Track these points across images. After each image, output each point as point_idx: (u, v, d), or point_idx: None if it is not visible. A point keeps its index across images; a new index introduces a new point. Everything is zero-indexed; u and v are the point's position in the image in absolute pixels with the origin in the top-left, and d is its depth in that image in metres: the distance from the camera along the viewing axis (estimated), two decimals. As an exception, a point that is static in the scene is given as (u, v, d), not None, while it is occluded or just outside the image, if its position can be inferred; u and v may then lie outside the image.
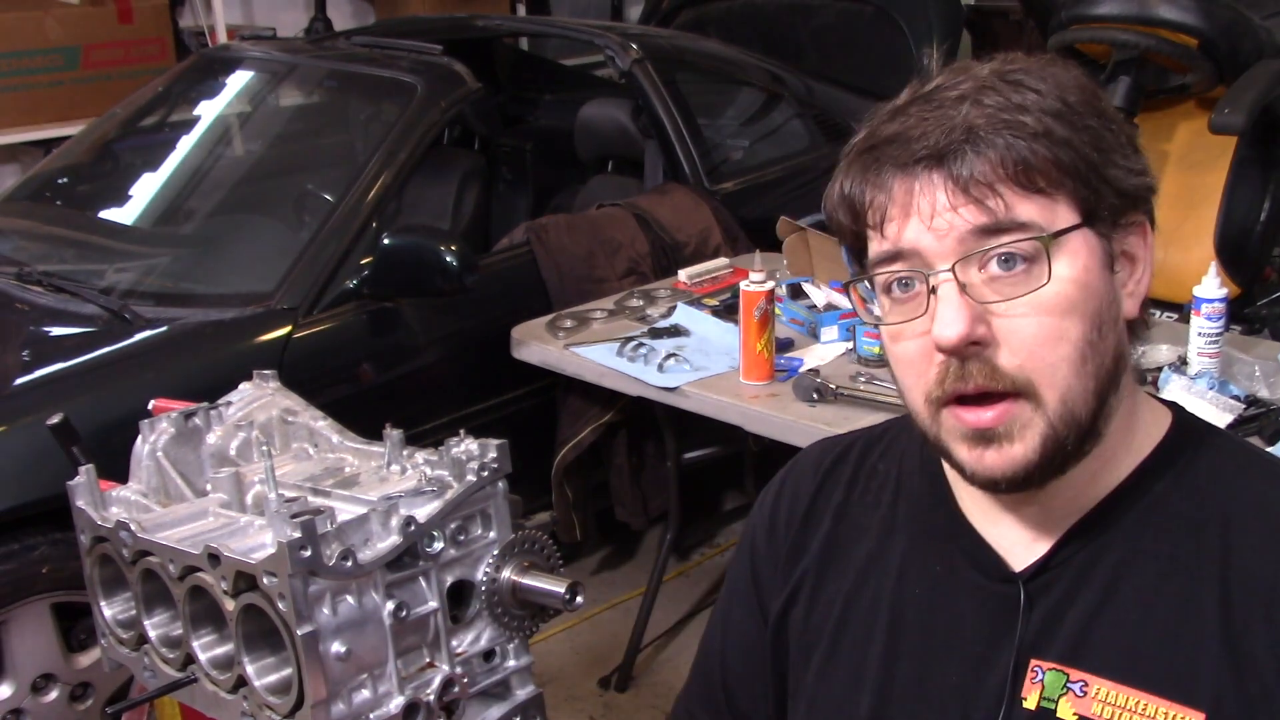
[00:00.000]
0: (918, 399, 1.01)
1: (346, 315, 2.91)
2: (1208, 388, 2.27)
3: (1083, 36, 3.34)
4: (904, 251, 0.97)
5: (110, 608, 1.25)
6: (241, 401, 1.36)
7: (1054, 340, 0.95)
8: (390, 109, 3.32)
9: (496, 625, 1.16)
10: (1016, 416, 0.96)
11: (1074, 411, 0.97)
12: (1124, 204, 0.99)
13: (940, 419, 1.00)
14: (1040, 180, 0.94)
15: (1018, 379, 0.95)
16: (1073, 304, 0.96)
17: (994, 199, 0.94)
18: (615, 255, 3.32)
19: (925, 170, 0.95)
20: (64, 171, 3.61)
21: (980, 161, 0.93)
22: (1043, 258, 0.95)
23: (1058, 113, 0.95)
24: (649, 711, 3.05)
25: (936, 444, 1.02)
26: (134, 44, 4.70)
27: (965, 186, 0.94)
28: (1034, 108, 0.95)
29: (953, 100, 0.96)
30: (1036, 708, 1.02)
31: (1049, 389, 0.96)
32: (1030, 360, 0.95)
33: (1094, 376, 0.97)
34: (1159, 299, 3.25)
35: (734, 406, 2.55)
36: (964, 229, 0.95)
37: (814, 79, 4.14)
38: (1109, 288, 0.99)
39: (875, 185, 0.98)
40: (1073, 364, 0.96)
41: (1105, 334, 0.98)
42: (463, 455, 1.14)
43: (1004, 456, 0.97)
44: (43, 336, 2.84)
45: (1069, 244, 0.96)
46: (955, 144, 0.94)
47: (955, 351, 0.96)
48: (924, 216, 0.96)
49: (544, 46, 5.49)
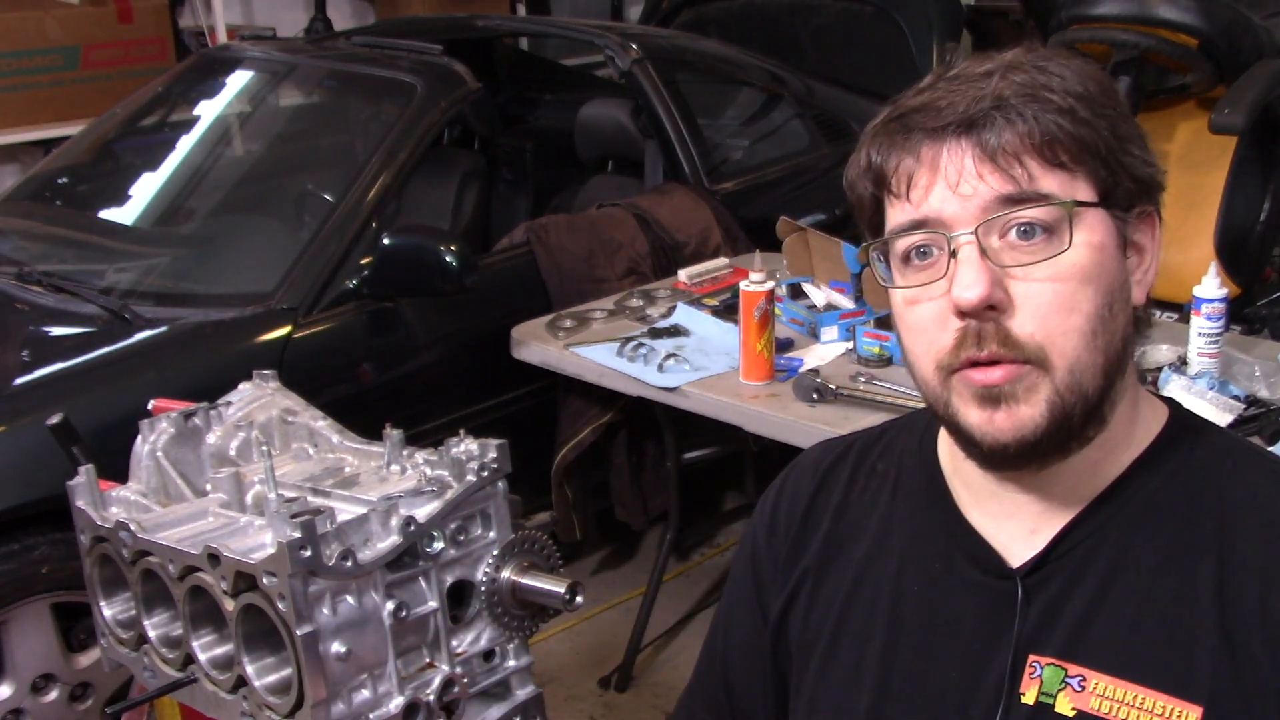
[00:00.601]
0: (928, 366, 1.02)
1: (346, 315, 2.91)
2: (1208, 388, 2.27)
3: (1083, 36, 3.34)
4: (927, 220, 0.99)
5: (110, 608, 1.25)
6: (241, 401, 1.37)
7: (1068, 309, 0.97)
8: (390, 109, 3.32)
9: (496, 625, 1.16)
10: (1024, 378, 0.97)
11: (1081, 384, 0.98)
12: (1138, 190, 1.01)
13: (950, 383, 1.00)
14: (1063, 155, 0.97)
15: (1029, 347, 0.97)
16: (1088, 275, 0.97)
17: (1019, 169, 0.96)
18: (615, 255, 3.32)
19: (954, 136, 0.97)
20: (64, 171, 3.61)
21: (1008, 131, 0.96)
22: (1063, 228, 0.96)
23: (1080, 95, 0.98)
24: (649, 711, 3.05)
25: (946, 412, 1.02)
26: (134, 44, 4.71)
27: (992, 155, 0.96)
28: (1058, 88, 0.97)
29: (980, 75, 0.99)
30: (1035, 703, 1.02)
31: (1059, 358, 0.97)
32: (1043, 328, 0.96)
33: (1103, 352, 0.98)
34: (1159, 299, 3.24)
35: (734, 406, 2.55)
36: (989, 196, 0.96)
37: (814, 79, 4.14)
38: (1122, 269, 1.01)
39: (904, 149, 1.00)
40: (1084, 335, 0.97)
41: (1116, 313, 0.99)
42: (463, 455, 1.15)
43: (1013, 418, 0.98)
44: (43, 336, 2.84)
45: (1087, 218, 0.98)
46: (984, 112, 0.96)
47: (973, 313, 0.97)
48: (950, 182, 0.97)
49: (544, 46, 5.50)
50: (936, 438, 1.15)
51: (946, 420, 1.03)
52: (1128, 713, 0.98)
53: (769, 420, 2.48)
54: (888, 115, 1.02)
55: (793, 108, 4.05)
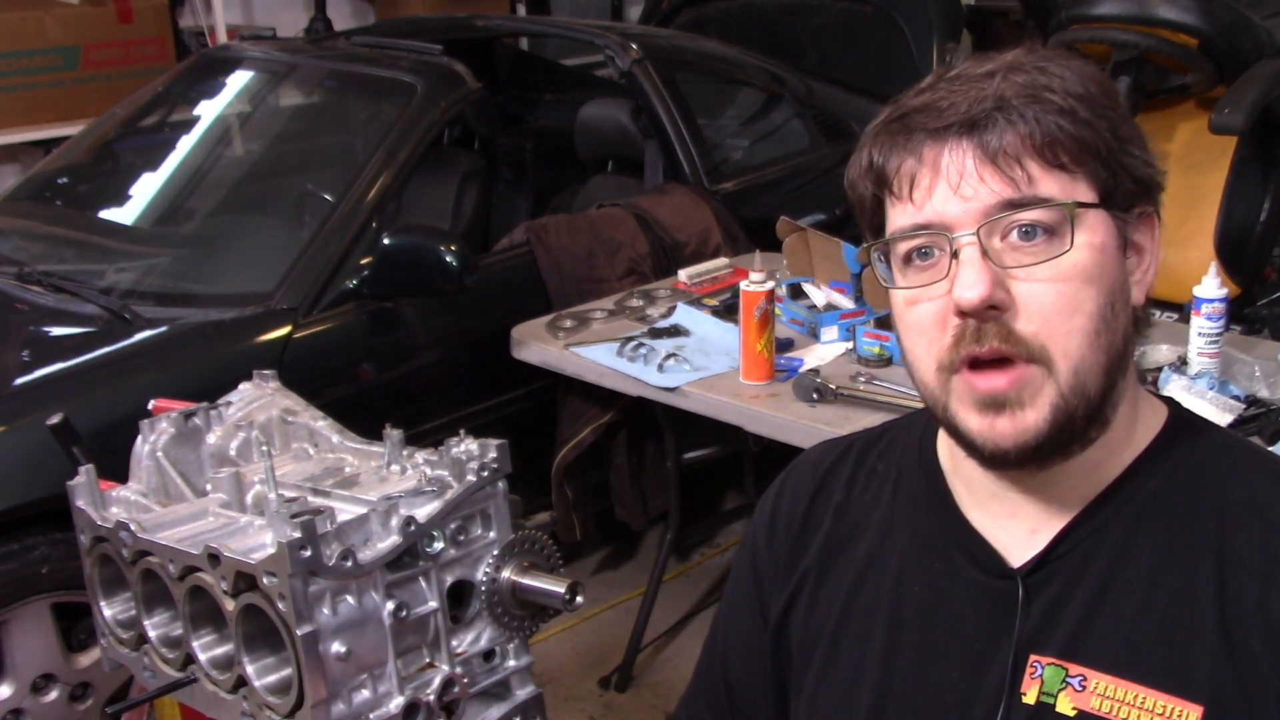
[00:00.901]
0: (928, 368, 1.01)
1: (346, 315, 2.91)
2: (1208, 388, 2.27)
3: (1083, 36, 3.34)
4: (930, 224, 0.99)
5: (110, 608, 1.25)
6: (241, 401, 1.36)
7: (1070, 310, 0.97)
8: (390, 109, 3.32)
9: (496, 625, 1.16)
10: (1030, 382, 0.97)
11: (1085, 384, 0.98)
12: (1138, 191, 1.01)
13: (951, 386, 1.00)
14: (1064, 156, 0.97)
15: (1032, 346, 0.96)
16: (1090, 275, 0.97)
17: (1020, 171, 0.96)
18: (615, 255, 3.32)
19: (956, 137, 0.97)
20: (64, 171, 3.61)
21: (1009, 132, 0.96)
22: (1065, 228, 0.96)
23: (1080, 96, 0.98)
24: (649, 711, 3.05)
25: (945, 415, 1.02)
26: (134, 44, 4.70)
27: (993, 157, 0.96)
28: (1059, 89, 0.97)
29: (981, 75, 0.99)
30: (1036, 703, 1.02)
31: (1063, 358, 0.97)
32: (1046, 328, 0.96)
33: (1105, 352, 0.98)
34: (1159, 299, 3.25)
35: (734, 406, 2.55)
36: (990, 201, 0.96)
37: (814, 79, 4.14)
38: (1122, 269, 1.01)
39: (905, 150, 1.00)
40: (1087, 335, 0.97)
41: (1118, 313, 1.00)
42: (463, 455, 1.15)
43: (1016, 423, 0.98)
44: (43, 336, 2.84)
45: (1088, 219, 0.98)
46: (986, 112, 0.96)
47: (975, 313, 0.96)
48: (952, 183, 0.97)
49: (544, 46, 5.49)
50: (936, 437, 1.15)
51: (946, 423, 1.03)
52: (1128, 712, 0.98)
53: (769, 420, 2.48)
54: (889, 115, 1.02)
55: (793, 108, 4.05)
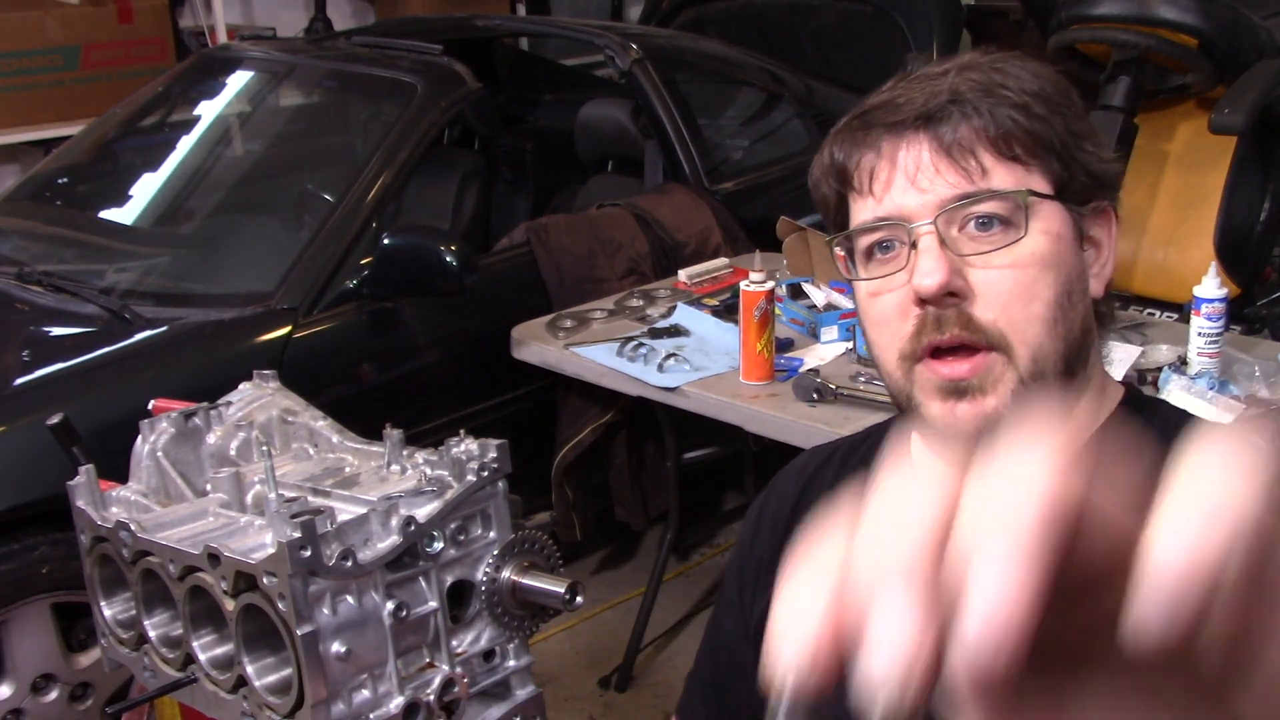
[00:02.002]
0: (891, 358, 1.03)
1: (346, 315, 2.91)
2: (1208, 388, 2.27)
3: (1083, 36, 3.34)
4: (889, 216, 1.00)
5: (110, 608, 1.25)
6: (241, 401, 1.36)
7: (1027, 296, 0.98)
8: (390, 109, 3.32)
9: (496, 625, 1.16)
10: (991, 368, 0.99)
11: (1044, 371, 0.99)
12: (1093, 185, 1.03)
13: (914, 375, 1.01)
14: (1018, 148, 0.99)
15: (992, 333, 0.98)
16: (1046, 262, 0.99)
17: (974, 162, 0.98)
18: (615, 255, 3.32)
19: (913, 130, 0.99)
20: (64, 171, 3.61)
21: (964, 125, 0.98)
22: (1020, 217, 0.98)
23: (1035, 93, 1.00)
24: (649, 711, 3.05)
25: (910, 405, 1.03)
26: (134, 44, 4.70)
27: (948, 149, 0.98)
28: (1014, 86, 1.00)
29: (938, 74, 1.02)
30: None
31: (1022, 345, 0.98)
32: (1005, 314, 0.98)
33: (1064, 340, 1.00)
34: (1159, 299, 3.26)
35: (734, 406, 2.55)
36: (946, 194, 0.98)
37: (814, 79, 4.14)
38: (1079, 260, 1.03)
39: (865, 145, 1.02)
40: (1045, 323, 0.99)
41: (1075, 303, 1.01)
42: (463, 455, 1.15)
43: (976, 408, 0.99)
44: (43, 336, 2.85)
45: (1043, 209, 1.00)
46: (941, 106, 0.98)
47: (933, 300, 0.98)
48: (909, 175, 0.99)
49: (544, 46, 5.49)
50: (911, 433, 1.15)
51: (910, 413, 1.04)
52: None
53: (769, 420, 2.48)
54: (850, 115, 1.05)
55: (792, 108, 4.05)
